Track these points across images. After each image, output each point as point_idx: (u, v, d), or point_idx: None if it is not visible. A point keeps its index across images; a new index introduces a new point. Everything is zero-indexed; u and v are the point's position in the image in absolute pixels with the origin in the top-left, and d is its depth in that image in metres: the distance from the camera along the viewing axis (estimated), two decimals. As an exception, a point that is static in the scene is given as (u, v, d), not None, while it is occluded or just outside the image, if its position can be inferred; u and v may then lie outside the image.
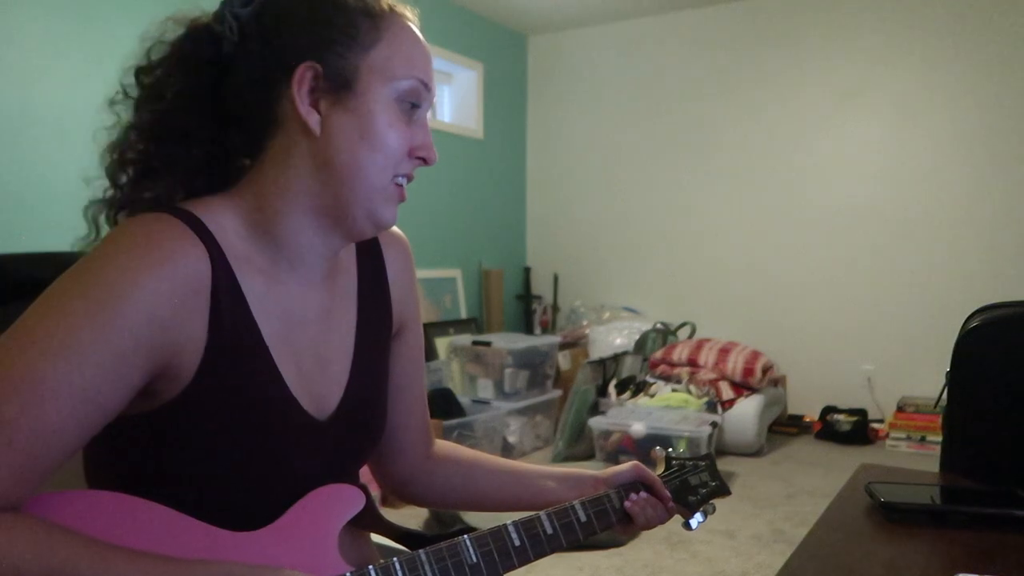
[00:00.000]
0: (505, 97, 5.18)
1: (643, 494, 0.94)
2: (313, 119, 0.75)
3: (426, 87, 0.80)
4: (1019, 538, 0.92)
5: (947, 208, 4.14)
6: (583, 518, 0.88)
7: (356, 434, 0.85)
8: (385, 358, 0.92)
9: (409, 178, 0.81)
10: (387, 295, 0.91)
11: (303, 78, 0.75)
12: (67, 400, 0.62)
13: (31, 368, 0.61)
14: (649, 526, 0.93)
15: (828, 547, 0.91)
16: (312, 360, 0.81)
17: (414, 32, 0.81)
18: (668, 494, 0.95)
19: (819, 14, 4.43)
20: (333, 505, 0.77)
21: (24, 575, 0.58)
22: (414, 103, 0.79)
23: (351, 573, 0.71)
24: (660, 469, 1.01)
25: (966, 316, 1.24)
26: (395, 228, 0.92)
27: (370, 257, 0.91)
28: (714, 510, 0.98)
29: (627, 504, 0.92)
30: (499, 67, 5.09)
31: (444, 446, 1.03)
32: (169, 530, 0.68)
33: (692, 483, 0.99)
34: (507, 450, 3.82)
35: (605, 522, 0.90)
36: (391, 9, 0.79)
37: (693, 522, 0.96)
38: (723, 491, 1.02)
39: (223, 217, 0.76)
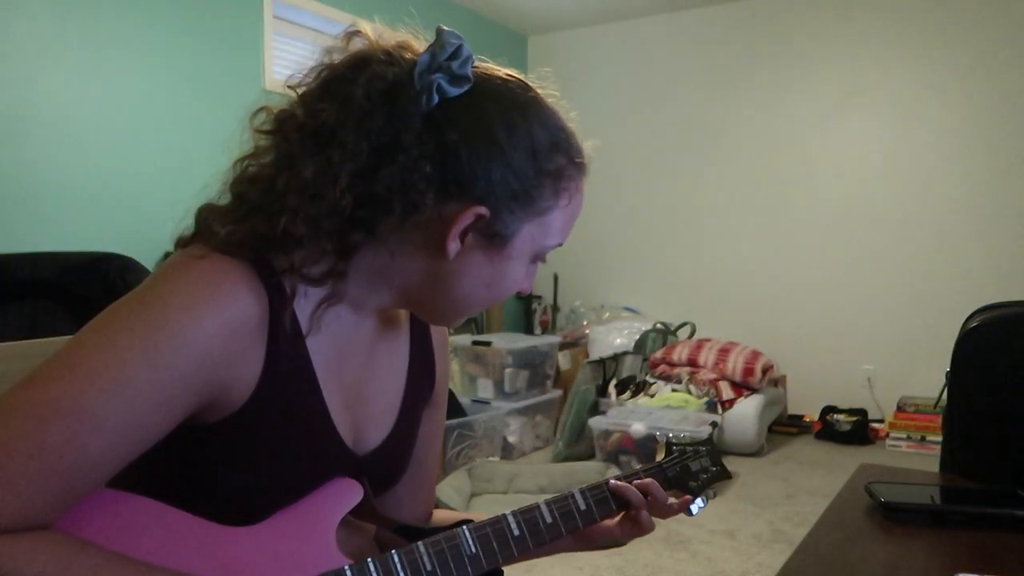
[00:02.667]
0: (505, 97, 5.16)
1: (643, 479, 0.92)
2: (454, 249, 0.74)
3: (562, 244, 0.82)
4: (1019, 538, 0.92)
5: (947, 208, 4.14)
6: (582, 506, 0.86)
7: (382, 478, 0.86)
8: (420, 422, 0.93)
9: None
10: (433, 367, 0.93)
11: (467, 218, 0.73)
12: (111, 435, 0.63)
13: (82, 399, 0.61)
14: (648, 522, 0.90)
15: (828, 547, 0.91)
16: (354, 395, 0.82)
17: (581, 195, 0.81)
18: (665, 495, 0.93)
19: (819, 14, 4.43)
20: (331, 498, 0.77)
21: None
22: (543, 257, 0.81)
23: (349, 567, 0.71)
24: (661, 455, 1.01)
25: (966, 316, 1.24)
26: None
27: (420, 329, 0.93)
28: (715, 495, 0.98)
29: (618, 484, 0.89)
30: (499, 67, 5.07)
31: (439, 515, 1.03)
32: (164, 525, 0.68)
33: (693, 469, 0.99)
34: (507, 450, 3.82)
35: (605, 509, 0.88)
36: (577, 164, 0.79)
37: (694, 508, 0.95)
38: (724, 475, 1.01)
39: (298, 254, 0.72)
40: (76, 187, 2.89)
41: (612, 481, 0.89)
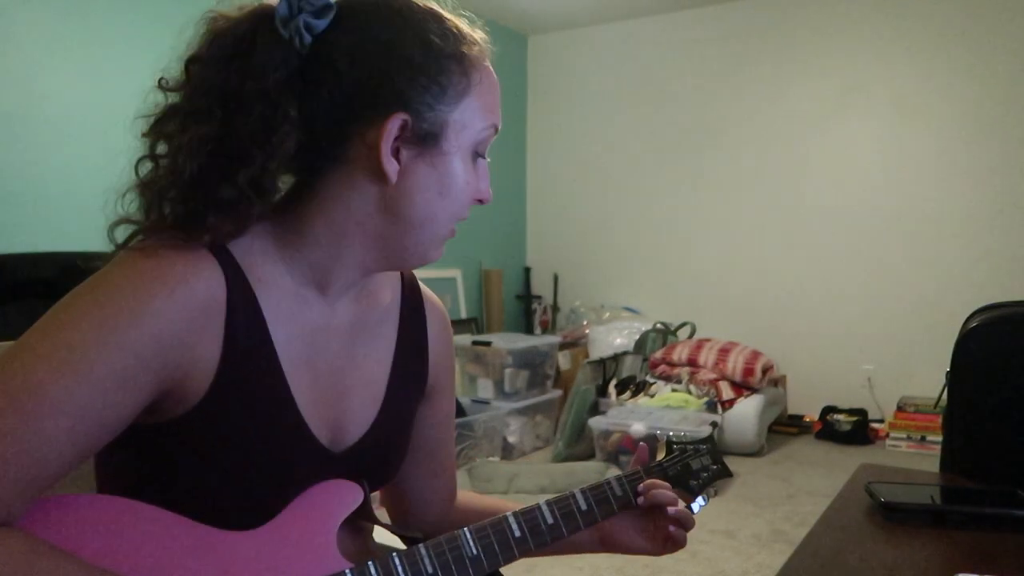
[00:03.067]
0: (505, 97, 5.16)
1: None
2: (392, 168, 0.73)
3: (497, 129, 0.80)
4: (1019, 538, 0.92)
5: (947, 208, 4.13)
6: (583, 506, 0.87)
7: (368, 472, 0.83)
8: (412, 412, 0.91)
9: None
10: (425, 356, 0.91)
11: (390, 129, 0.72)
12: (67, 416, 0.61)
13: (33, 381, 0.61)
14: (682, 538, 0.90)
15: (828, 547, 0.91)
16: (329, 388, 0.80)
17: (492, 74, 0.81)
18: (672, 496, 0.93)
19: (818, 14, 4.42)
20: (331, 501, 0.76)
21: None
22: (485, 148, 0.80)
23: (350, 570, 0.71)
24: (661, 454, 1.00)
25: (966, 316, 1.24)
26: (435, 297, 0.95)
27: (414, 318, 0.91)
28: (716, 493, 0.98)
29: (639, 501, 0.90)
30: (499, 67, 5.07)
31: (465, 496, 1.03)
32: (165, 531, 0.67)
33: (694, 467, 0.98)
34: (507, 450, 3.82)
35: (606, 509, 0.88)
36: (473, 45, 0.78)
37: (695, 506, 0.95)
38: (725, 473, 1.01)
39: (252, 239, 0.74)
40: (76, 187, 2.89)
41: (642, 486, 0.90)
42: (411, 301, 0.91)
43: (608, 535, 0.91)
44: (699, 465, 0.99)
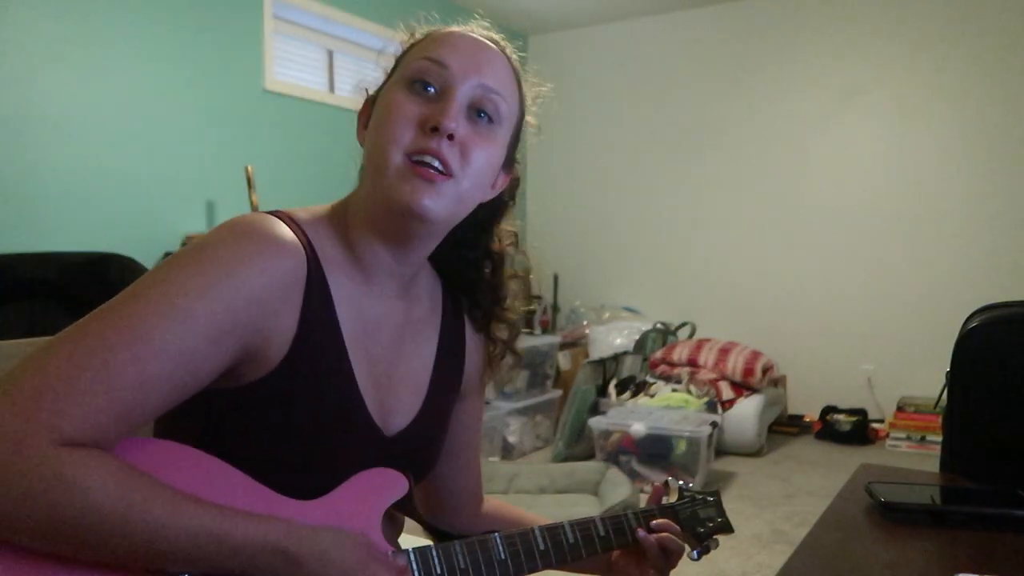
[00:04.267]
0: (505, 97, 5.17)
1: (659, 524, 0.96)
2: (361, 137, 0.84)
3: (437, 63, 0.80)
4: (1019, 538, 0.92)
5: (947, 208, 4.14)
6: (602, 532, 0.92)
7: (412, 462, 0.87)
8: (450, 409, 0.96)
9: (432, 154, 0.77)
10: (462, 360, 0.96)
11: (363, 110, 0.85)
12: (169, 361, 0.66)
13: (144, 324, 0.66)
14: (660, 564, 0.94)
15: (828, 547, 0.91)
16: (384, 373, 0.85)
17: (457, 33, 0.86)
18: (678, 528, 0.97)
19: (819, 14, 4.43)
20: (381, 487, 0.80)
21: (103, 504, 0.61)
22: (425, 82, 0.80)
23: (392, 552, 0.76)
24: (673, 499, 1.04)
25: (966, 316, 1.24)
26: None
27: (455, 323, 0.95)
28: (717, 545, 1.01)
29: (640, 535, 0.94)
30: (499, 67, 5.07)
31: (492, 503, 1.08)
32: (227, 482, 0.71)
33: (701, 516, 1.03)
34: (507, 450, 3.82)
35: (622, 540, 0.94)
36: (450, 31, 0.85)
37: (694, 553, 0.99)
38: (727, 528, 1.05)
39: (321, 225, 0.82)
40: (76, 187, 2.89)
41: (641, 532, 0.94)
42: (452, 305, 0.95)
43: (616, 563, 0.97)
44: (706, 515, 1.03)
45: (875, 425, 4.21)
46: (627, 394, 4.03)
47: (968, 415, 1.22)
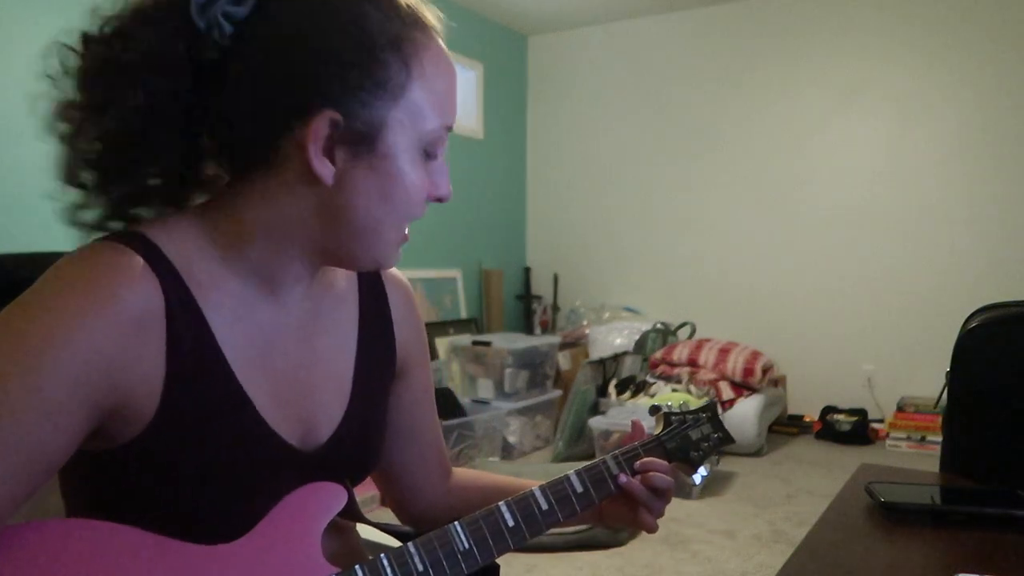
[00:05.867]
0: (505, 97, 5.18)
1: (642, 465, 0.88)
2: (326, 171, 0.68)
3: (450, 128, 0.73)
4: (1019, 538, 0.92)
5: (947, 208, 4.13)
6: (579, 488, 0.82)
7: (348, 465, 0.81)
8: (385, 396, 0.88)
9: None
10: (391, 335, 0.87)
11: (319, 130, 0.66)
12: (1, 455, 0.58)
13: None
14: (653, 505, 0.86)
15: (828, 547, 0.91)
16: (292, 386, 0.76)
17: (443, 62, 0.72)
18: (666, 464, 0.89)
19: (819, 13, 4.42)
20: (313, 505, 0.72)
21: None
22: (438, 148, 0.73)
23: (337, 575, 0.69)
24: (659, 428, 0.95)
25: (966, 316, 1.24)
26: (396, 270, 0.89)
27: (374, 296, 0.87)
28: (719, 462, 0.95)
29: (622, 481, 0.85)
30: (499, 67, 5.09)
31: (461, 473, 1.00)
32: (144, 553, 0.64)
33: (693, 438, 0.95)
34: (507, 450, 3.82)
35: (603, 491, 0.84)
36: (419, 28, 0.70)
37: (696, 477, 0.93)
38: (727, 440, 0.98)
39: (185, 239, 0.70)
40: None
41: (623, 478, 0.85)
42: (368, 277, 0.86)
43: (606, 510, 0.89)
44: (699, 435, 0.95)
45: (875, 425, 4.21)
46: (627, 394, 4.03)
47: (968, 415, 1.22)
